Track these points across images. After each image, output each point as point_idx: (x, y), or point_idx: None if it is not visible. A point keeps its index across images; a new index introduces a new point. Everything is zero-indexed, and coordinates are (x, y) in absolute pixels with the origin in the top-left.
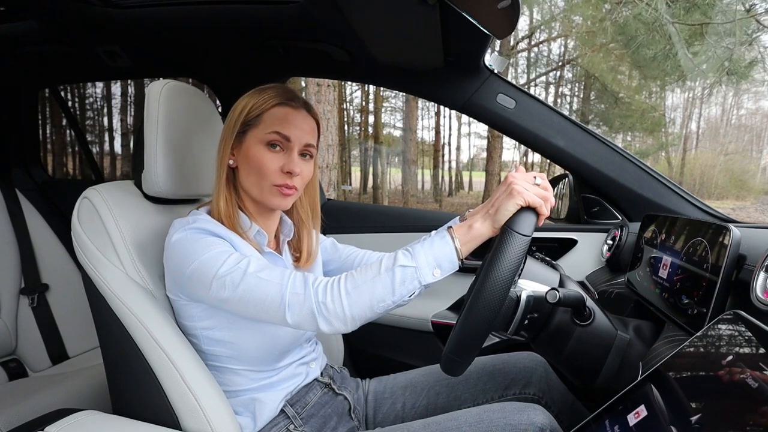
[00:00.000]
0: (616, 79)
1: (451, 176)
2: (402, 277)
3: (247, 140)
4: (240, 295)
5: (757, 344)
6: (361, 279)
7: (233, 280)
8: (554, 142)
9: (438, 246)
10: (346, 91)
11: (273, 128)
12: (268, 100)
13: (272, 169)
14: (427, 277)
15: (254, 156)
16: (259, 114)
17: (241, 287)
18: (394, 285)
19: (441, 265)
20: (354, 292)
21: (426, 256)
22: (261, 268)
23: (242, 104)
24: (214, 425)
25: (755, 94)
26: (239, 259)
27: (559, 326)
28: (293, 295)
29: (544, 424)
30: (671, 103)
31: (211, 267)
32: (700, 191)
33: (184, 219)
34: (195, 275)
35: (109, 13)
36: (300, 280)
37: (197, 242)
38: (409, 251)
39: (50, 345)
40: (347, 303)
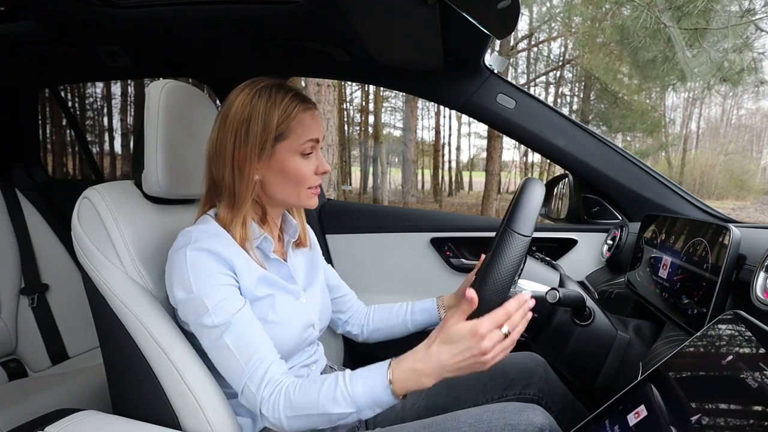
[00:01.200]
0: (616, 79)
1: (451, 176)
2: (342, 417)
3: (278, 153)
4: (212, 353)
5: (757, 344)
6: (300, 408)
7: (210, 335)
8: (554, 142)
9: (378, 389)
10: (346, 91)
11: (306, 137)
12: (292, 110)
13: (310, 174)
14: (368, 415)
15: (292, 168)
16: (287, 127)
17: (214, 346)
18: (332, 422)
19: (381, 405)
20: (294, 417)
21: (365, 399)
22: (238, 336)
23: (260, 119)
24: (214, 425)
25: (755, 94)
26: (224, 318)
27: (559, 326)
28: (248, 388)
29: (544, 424)
30: (671, 103)
31: (198, 309)
32: (700, 191)
33: (189, 232)
34: (184, 306)
35: (109, 13)
36: (260, 374)
37: (196, 272)
38: (347, 392)
39: (50, 345)
40: (287, 425)
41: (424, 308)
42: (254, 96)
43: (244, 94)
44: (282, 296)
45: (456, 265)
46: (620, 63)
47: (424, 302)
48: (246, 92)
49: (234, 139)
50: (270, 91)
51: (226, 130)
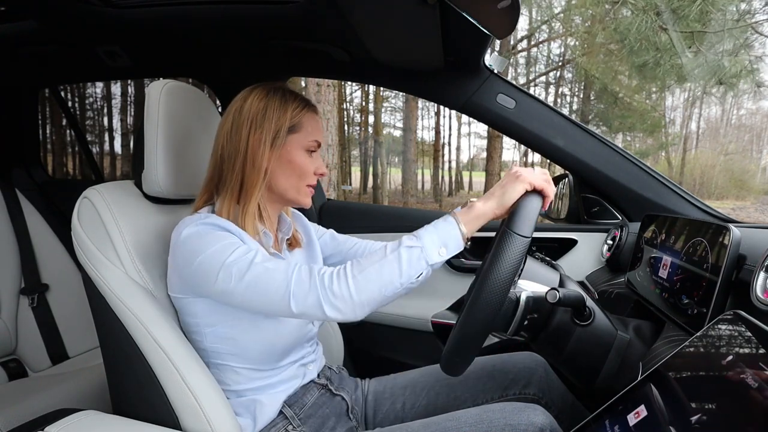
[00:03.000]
0: (616, 80)
1: (451, 176)
2: (408, 257)
3: (288, 144)
4: (245, 286)
5: (757, 344)
6: (368, 263)
7: (240, 269)
8: (554, 142)
9: (442, 227)
10: (346, 91)
11: (313, 136)
12: (303, 106)
13: (311, 171)
14: (433, 256)
15: (298, 161)
16: (299, 120)
17: (247, 277)
18: (401, 266)
19: (447, 244)
20: (361, 276)
21: (431, 237)
22: (267, 258)
23: (277, 108)
24: (214, 425)
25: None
26: (247, 250)
27: (559, 326)
28: (298, 283)
29: (544, 424)
30: (671, 103)
31: (219, 258)
32: (700, 191)
33: (193, 216)
34: (202, 267)
35: (109, 13)
36: (306, 270)
37: (207, 235)
38: (414, 235)
39: (50, 345)
40: (354, 288)
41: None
42: (269, 93)
43: (258, 91)
44: None
45: (456, 265)
46: (620, 63)
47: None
48: (259, 90)
49: (250, 125)
50: (283, 90)
51: (242, 118)
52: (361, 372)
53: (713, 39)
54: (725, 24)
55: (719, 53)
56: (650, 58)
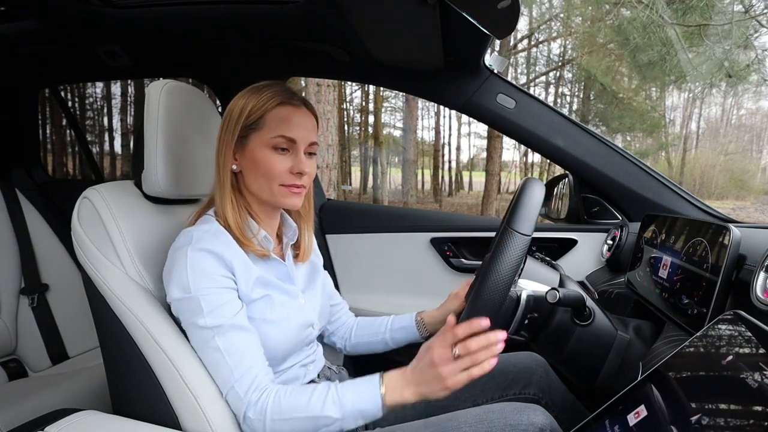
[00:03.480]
0: (616, 80)
1: (451, 176)
2: (326, 424)
3: (250, 144)
4: (201, 353)
5: (757, 344)
6: (287, 411)
7: (202, 336)
8: (554, 142)
9: (367, 397)
10: (346, 91)
11: (278, 132)
12: (268, 101)
13: (281, 170)
14: (351, 426)
15: (261, 160)
16: (260, 116)
17: (204, 348)
18: (317, 428)
19: (365, 416)
20: (279, 421)
21: (353, 407)
22: (229, 342)
23: (239, 106)
24: (214, 425)
25: (755, 94)
26: (219, 320)
27: (559, 326)
28: (234, 392)
29: (544, 424)
30: (671, 103)
31: (194, 311)
32: (700, 191)
33: (191, 232)
34: (179, 306)
35: (109, 13)
36: (248, 380)
37: (196, 274)
38: (337, 397)
39: (50, 345)
40: (270, 429)
41: (402, 325)
42: (249, 90)
43: (241, 93)
44: (279, 296)
45: (456, 265)
46: (620, 63)
47: (404, 318)
48: (247, 89)
49: (222, 124)
50: (260, 86)
51: (221, 123)
52: (361, 372)
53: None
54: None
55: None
56: (656, 54)
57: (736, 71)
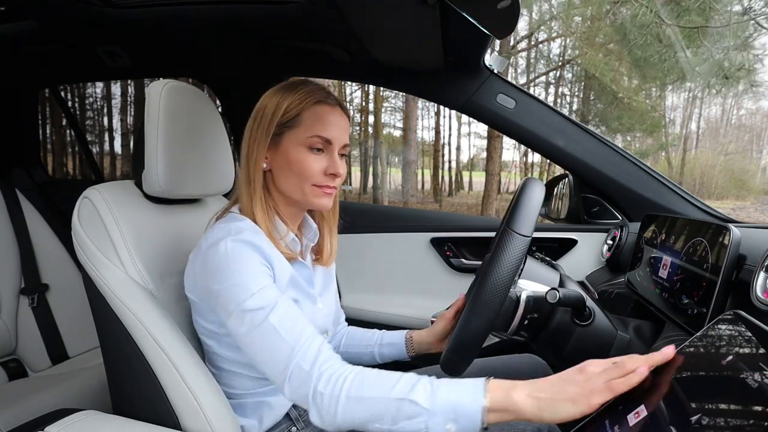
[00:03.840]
0: (616, 80)
1: (451, 176)
2: (410, 413)
3: (284, 142)
4: (252, 339)
5: (757, 344)
6: (369, 389)
7: (253, 319)
8: (554, 142)
9: (467, 395)
10: (346, 91)
11: (314, 131)
12: (305, 99)
13: (315, 170)
14: (437, 428)
15: (295, 159)
16: (297, 114)
17: (256, 330)
18: (398, 417)
19: (458, 416)
20: (355, 399)
21: (447, 399)
22: (284, 318)
23: (273, 103)
24: (214, 425)
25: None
26: (269, 299)
27: (559, 326)
28: (299, 368)
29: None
30: (671, 103)
31: (239, 294)
32: (700, 191)
33: (226, 225)
34: (222, 296)
35: (109, 13)
36: (313, 352)
37: (238, 262)
38: (430, 386)
39: (50, 345)
40: (343, 407)
41: (392, 342)
42: (282, 87)
43: (275, 86)
44: (304, 301)
45: (456, 265)
46: (620, 63)
47: (394, 335)
48: (278, 85)
49: (253, 121)
50: (294, 83)
51: (252, 116)
52: None
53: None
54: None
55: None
56: (654, 53)
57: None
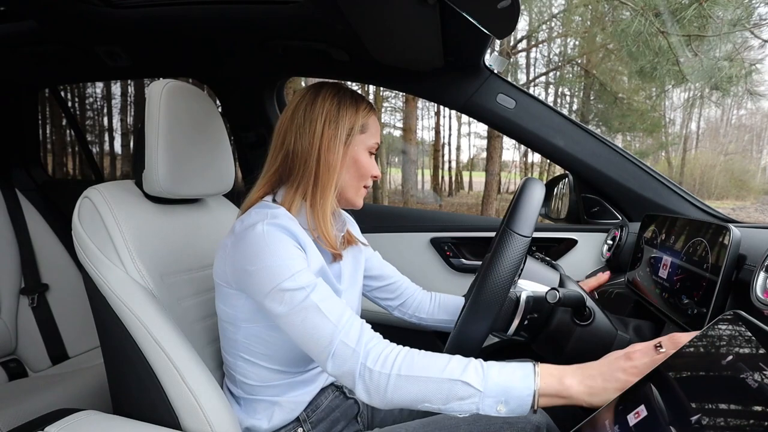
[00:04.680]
0: (616, 80)
1: (451, 176)
2: (462, 394)
3: (355, 143)
4: (292, 319)
5: (757, 344)
6: (419, 368)
7: (293, 298)
8: (554, 142)
9: (517, 378)
10: None
11: (376, 138)
12: (369, 108)
13: (370, 173)
14: (487, 409)
15: (362, 161)
16: (367, 121)
17: (296, 309)
18: (449, 397)
19: (508, 401)
20: (406, 378)
21: (498, 381)
22: (324, 297)
23: (350, 105)
24: (214, 425)
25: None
26: (308, 280)
27: (559, 326)
28: (343, 345)
29: (541, 422)
30: (671, 103)
31: (276, 276)
32: (700, 191)
33: (261, 210)
34: (258, 276)
35: (109, 13)
36: (356, 330)
37: (272, 242)
38: (481, 368)
39: (50, 345)
40: (393, 385)
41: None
42: (339, 91)
43: (328, 88)
44: None
45: (456, 265)
46: (619, 64)
47: None
48: (329, 87)
49: (324, 121)
50: (351, 90)
51: (315, 114)
52: None
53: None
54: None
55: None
56: (647, 62)
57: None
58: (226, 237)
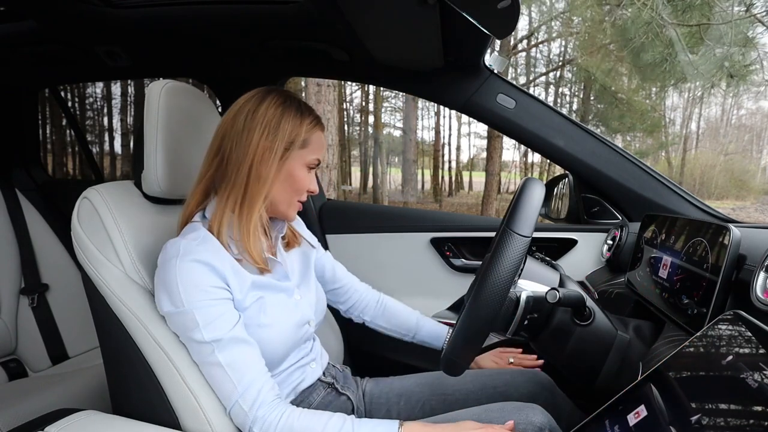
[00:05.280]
0: (615, 80)
1: (451, 176)
2: None
3: (293, 158)
4: (201, 367)
5: (757, 344)
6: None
7: (200, 351)
8: (554, 142)
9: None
10: (346, 91)
11: (317, 155)
12: (314, 123)
13: (306, 188)
14: None
15: (298, 176)
16: (309, 137)
17: (203, 363)
18: None
19: None
20: None
21: None
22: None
23: (292, 119)
24: (214, 425)
25: (755, 94)
26: (217, 334)
27: (559, 326)
28: (238, 406)
29: (543, 423)
30: (671, 103)
31: (185, 324)
32: (700, 191)
33: (177, 242)
34: (171, 320)
35: (109, 13)
36: (252, 395)
37: (186, 286)
38: (351, 424)
39: (50, 345)
40: None
41: (433, 334)
42: (285, 101)
43: (274, 96)
44: (273, 296)
45: (456, 265)
46: (620, 64)
47: (435, 327)
48: (275, 95)
49: (263, 131)
50: (298, 101)
51: (255, 122)
52: (361, 370)
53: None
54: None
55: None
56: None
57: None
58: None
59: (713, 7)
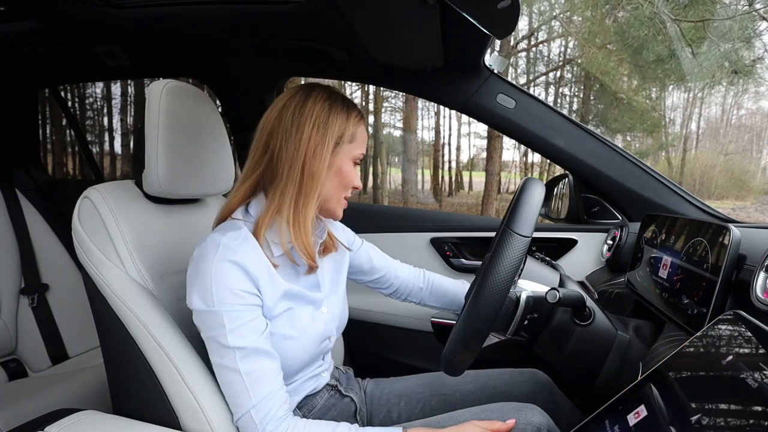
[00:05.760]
0: (615, 80)
1: (451, 176)
2: None
3: (341, 153)
4: (218, 370)
5: (757, 344)
6: None
7: (223, 356)
8: (554, 142)
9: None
10: (346, 91)
11: (362, 149)
12: (359, 117)
13: (353, 184)
14: None
15: (347, 171)
16: (356, 131)
17: (223, 367)
18: None
19: None
20: None
21: None
22: (250, 368)
23: (341, 113)
24: (214, 425)
25: (755, 94)
26: (242, 342)
27: (559, 326)
28: (249, 417)
29: (541, 423)
30: (671, 103)
31: (212, 325)
32: (700, 191)
33: (218, 239)
34: (199, 317)
35: (109, 13)
36: (265, 410)
37: (219, 287)
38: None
39: (50, 345)
40: None
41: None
42: (331, 95)
43: (320, 91)
44: (301, 308)
45: (456, 265)
46: (620, 64)
47: None
48: (321, 90)
49: (313, 125)
50: (342, 96)
51: (304, 117)
52: (361, 371)
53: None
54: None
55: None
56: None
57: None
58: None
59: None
